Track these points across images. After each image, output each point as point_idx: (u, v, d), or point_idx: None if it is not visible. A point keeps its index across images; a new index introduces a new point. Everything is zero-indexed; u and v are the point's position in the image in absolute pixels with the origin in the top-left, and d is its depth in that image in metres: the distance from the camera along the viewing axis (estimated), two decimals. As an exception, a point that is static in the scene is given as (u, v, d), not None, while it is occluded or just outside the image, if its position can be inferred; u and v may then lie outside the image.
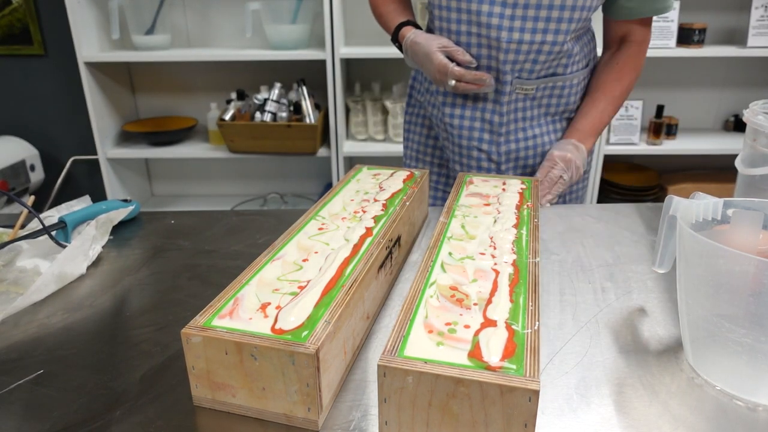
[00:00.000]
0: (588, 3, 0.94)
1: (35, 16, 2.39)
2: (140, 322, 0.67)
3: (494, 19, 0.95)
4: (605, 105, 1.05)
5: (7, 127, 2.55)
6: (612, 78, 1.05)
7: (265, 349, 0.48)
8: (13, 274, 0.75)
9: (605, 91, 1.05)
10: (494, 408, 0.44)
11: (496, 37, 0.96)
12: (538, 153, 1.09)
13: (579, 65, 1.06)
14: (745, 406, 0.53)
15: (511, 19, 0.95)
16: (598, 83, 1.06)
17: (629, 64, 1.05)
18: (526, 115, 1.06)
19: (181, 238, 0.90)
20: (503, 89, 1.01)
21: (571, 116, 1.10)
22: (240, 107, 2.25)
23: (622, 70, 1.05)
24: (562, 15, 0.94)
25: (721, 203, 0.61)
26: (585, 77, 1.09)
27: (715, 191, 0.79)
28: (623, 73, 1.05)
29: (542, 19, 0.94)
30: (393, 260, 0.73)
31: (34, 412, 0.53)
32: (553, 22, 0.95)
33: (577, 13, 0.94)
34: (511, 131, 1.06)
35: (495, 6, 0.94)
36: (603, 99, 1.05)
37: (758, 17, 2.09)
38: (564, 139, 1.05)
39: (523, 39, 0.96)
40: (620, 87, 1.05)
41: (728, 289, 0.52)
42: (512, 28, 0.95)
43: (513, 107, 1.04)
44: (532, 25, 0.95)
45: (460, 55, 0.98)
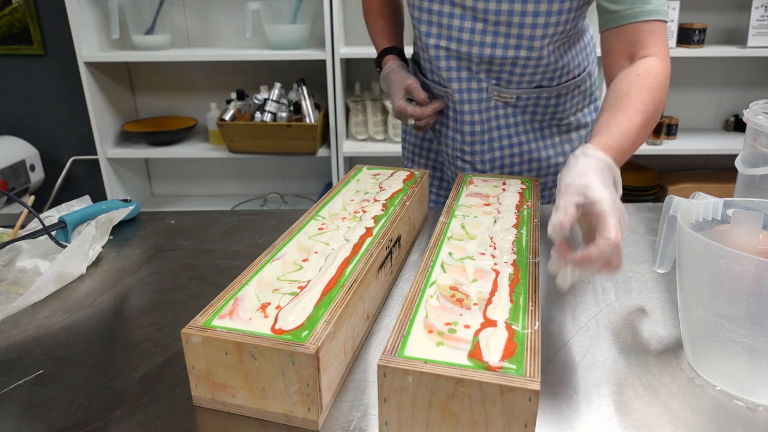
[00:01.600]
0: (562, 18, 0.89)
1: (35, 16, 2.39)
2: (140, 322, 0.67)
3: (465, 34, 0.93)
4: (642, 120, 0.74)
5: (7, 127, 2.55)
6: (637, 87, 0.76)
7: (265, 349, 0.48)
8: (13, 274, 0.74)
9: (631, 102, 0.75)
10: (494, 408, 0.44)
11: (467, 52, 0.94)
12: (524, 160, 1.06)
13: (568, 76, 1.00)
14: (745, 406, 0.53)
15: (482, 34, 0.92)
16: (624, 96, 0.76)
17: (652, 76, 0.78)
18: (509, 122, 1.03)
19: (181, 238, 0.90)
20: (480, 97, 0.99)
21: (561, 123, 1.05)
22: (240, 107, 2.25)
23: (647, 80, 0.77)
24: (534, 32, 0.90)
25: (721, 203, 0.61)
26: (580, 84, 1.03)
27: (715, 191, 0.79)
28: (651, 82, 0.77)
29: (514, 35, 0.91)
30: (393, 260, 0.73)
31: (34, 412, 0.53)
32: (526, 39, 0.91)
33: (551, 29, 0.90)
34: (494, 138, 1.04)
35: (466, 21, 0.92)
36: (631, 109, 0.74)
37: (758, 17, 2.09)
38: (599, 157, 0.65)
39: (495, 54, 0.93)
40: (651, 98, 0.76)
41: (728, 289, 0.52)
42: (483, 44, 0.93)
43: (493, 114, 1.01)
44: (503, 41, 0.92)
45: (418, 94, 1.01)
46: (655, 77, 0.77)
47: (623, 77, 0.80)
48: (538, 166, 1.07)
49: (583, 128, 1.08)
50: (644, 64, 0.80)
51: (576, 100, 1.05)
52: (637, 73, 0.78)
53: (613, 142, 0.69)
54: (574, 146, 1.07)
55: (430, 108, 1.01)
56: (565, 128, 1.06)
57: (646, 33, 0.82)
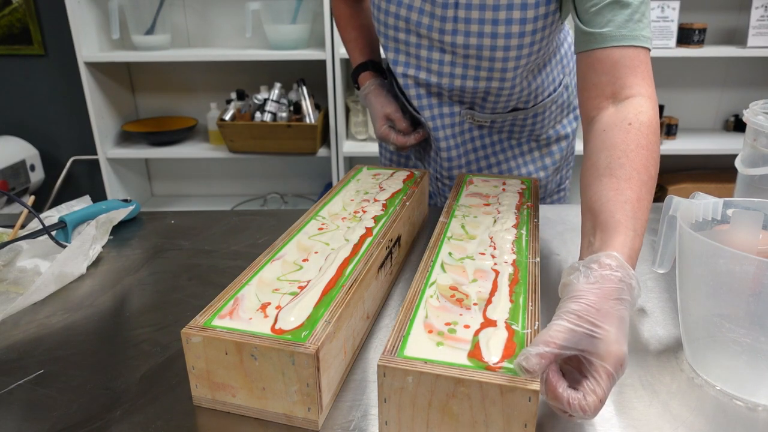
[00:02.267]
0: (534, 48, 0.84)
1: (35, 16, 2.39)
2: (140, 322, 0.67)
3: (434, 65, 0.90)
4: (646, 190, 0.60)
5: (7, 127, 2.55)
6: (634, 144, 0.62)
7: (265, 349, 0.48)
8: (13, 274, 0.74)
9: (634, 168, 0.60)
10: (494, 408, 0.44)
11: (437, 83, 0.91)
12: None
13: (544, 95, 0.96)
14: (745, 406, 0.53)
15: (451, 66, 0.89)
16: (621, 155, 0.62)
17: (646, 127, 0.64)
18: (485, 143, 1.00)
19: (181, 238, 0.90)
20: (453, 121, 0.96)
21: (539, 138, 1.01)
22: (240, 107, 2.25)
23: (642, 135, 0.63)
24: (506, 65, 0.85)
25: (721, 203, 0.61)
26: (557, 99, 1.00)
27: (715, 191, 0.79)
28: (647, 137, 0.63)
29: (485, 68, 0.87)
30: (393, 260, 0.73)
31: (34, 412, 0.53)
32: (497, 72, 0.86)
33: (524, 60, 0.85)
34: (472, 161, 1.01)
35: (434, 51, 0.88)
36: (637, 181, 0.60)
37: (758, 17, 2.09)
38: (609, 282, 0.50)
39: (465, 86, 0.90)
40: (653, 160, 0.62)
41: (728, 289, 0.52)
42: (453, 75, 0.89)
43: (468, 137, 0.98)
44: (474, 73, 0.88)
45: (399, 123, 0.99)
46: (649, 128, 0.64)
47: (613, 126, 0.65)
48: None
49: (563, 140, 1.04)
50: (633, 110, 0.66)
51: (554, 115, 1.01)
52: (628, 122, 0.65)
53: (636, 245, 0.56)
54: (555, 159, 1.04)
55: (412, 138, 1.00)
56: (545, 142, 1.03)
57: (626, 66, 0.69)
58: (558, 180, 1.09)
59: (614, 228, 0.55)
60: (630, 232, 0.55)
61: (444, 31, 0.85)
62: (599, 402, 0.45)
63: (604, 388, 0.45)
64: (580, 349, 0.46)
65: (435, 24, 0.85)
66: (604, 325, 0.47)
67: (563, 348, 0.46)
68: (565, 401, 0.45)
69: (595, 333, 0.46)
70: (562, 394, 0.45)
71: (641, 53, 0.70)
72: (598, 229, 0.57)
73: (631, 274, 0.51)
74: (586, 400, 0.45)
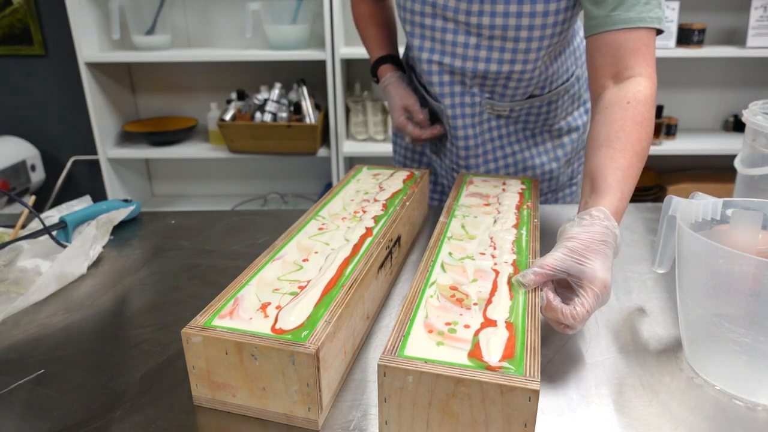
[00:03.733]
0: (557, 29, 0.87)
1: (36, 16, 2.39)
2: (140, 322, 0.67)
3: (459, 49, 0.91)
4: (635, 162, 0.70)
5: (8, 127, 2.55)
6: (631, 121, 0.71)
7: (265, 349, 0.48)
8: (14, 274, 0.75)
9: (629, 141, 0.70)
10: (494, 408, 0.44)
11: (461, 66, 0.93)
12: (519, 169, 1.06)
13: (558, 82, 0.99)
14: (745, 405, 0.53)
15: (476, 49, 0.90)
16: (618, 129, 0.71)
17: (642, 105, 0.72)
18: (501, 133, 1.02)
19: (181, 238, 0.90)
20: (473, 111, 0.98)
21: (552, 129, 1.04)
22: (240, 107, 2.25)
23: (638, 112, 0.72)
24: (530, 45, 0.88)
25: (720, 203, 0.61)
26: (569, 89, 1.02)
27: (714, 191, 0.79)
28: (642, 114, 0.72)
29: (509, 50, 0.89)
30: (393, 260, 0.73)
31: (34, 412, 0.53)
32: (521, 53, 0.89)
33: (546, 41, 0.88)
34: (489, 151, 1.03)
35: (459, 35, 0.90)
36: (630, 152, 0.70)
37: (758, 17, 2.09)
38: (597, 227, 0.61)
39: (489, 69, 0.91)
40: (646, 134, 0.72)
41: (728, 289, 0.52)
42: (477, 58, 0.91)
43: (486, 127, 1.01)
44: (498, 56, 0.90)
45: (417, 115, 1.01)
46: (644, 105, 0.73)
47: (613, 104, 0.74)
48: (532, 174, 1.06)
49: (574, 131, 1.07)
50: (631, 89, 0.73)
51: (566, 105, 1.04)
52: (626, 100, 0.73)
53: (621, 205, 0.67)
54: (566, 150, 1.07)
55: (428, 132, 1.02)
56: (557, 133, 1.06)
57: (629, 49, 0.75)
58: (570, 173, 1.11)
59: (605, 189, 0.67)
60: (618, 193, 0.66)
61: (470, 13, 0.87)
62: (586, 313, 0.56)
63: (590, 303, 0.56)
64: (570, 273, 0.58)
65: (462, 6, 0.87)
66: (591, 258, 0.58)
67: (555, 271, 0.58)
68: (559, 311, 0.56)
69: (583, 263, 0.58)
70: (557, 306, 0.56)
71: (645, 34, 0.76)
72: (593, 191, 0.68)
73: (614, 225, 0.62)
74: (576, 311, 0.56)
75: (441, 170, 1.11)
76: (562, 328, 0.58)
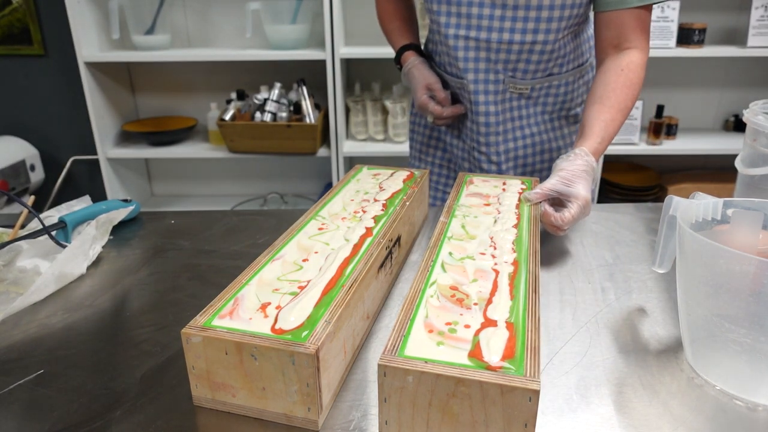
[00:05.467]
0: (578, 0, 0.93)
1: (35, 16, 2.39)
2: (140, 322, 0.67)
3: (484, 21, 0.96)
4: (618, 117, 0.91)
5: (7, 127, 2.55)
6: (621, 85, 0.91)
7: (265, 349, 0.48)
8: (13, 274, 0.74)
9: (616, 102, 0.91)
10: (494, 408, 0.44)
11: (486, 38, 0.97)
12: (537, 151, 1.09)
13: (575, 63, 1.05)
14: (745, 406, 0.53)
15: (501, 20, 0.95)
16: (610, 91, 0.91)
17: (634, 73, 0.92)
18: (522, 114, 1.06)
19: (181, 238, 0.90)
20: (497, 88, 1.02)
21: (569, 114, 1.09)
22: (240, 107, 2.25)
23: (629, 78, 0.91)
24: (552, 14, 0.93)
25: (720, 203, 0.61)
26: (584, 74, 1.08)
27: (715, 191, 0.79)
28: (632, 80, 0.92)
29: (532, 19, 0.94)
30: (393, 260, 0.73)
31: (34, 412, 0.53)
32: (544, 22, 0.94)
33: (567, 11, 0.94)
34: (509, 130, 1.07)
35: (485, 8, 0.95)
36: (614, 109, 0.90)
37: (758, 17, 2.09)
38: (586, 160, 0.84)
39: (513, 39, 0.96)
40: (630, 97, 0.91)
41: (728, 289, 0.52)
42: (502, 29, 0.96)
43: (508, 106, 1.05)
44: (522, 26, 0.95)
45: (439, 94, 1.06)
46: (635, 72, 0.92)
47: (610, 69, 0.93)
48: (549, 157, 1.11)
49: None
50: (627, 58, 0.93)
51: (581, 91, 1.10)
52: (621, 68, 0.92)
53: (600, 147, 0.88)
54: None
55: (449, 110, 1.06)
56: (573, 120, 1.11)
57: (631, 25, 0.92)
58: None
59: (589, 135, 0.88)
60: (598, 138, 0.88)
61: None
62: (572, 218, 0.78)
63: (575, 212, 0.78)
64: (561, 193, 0.79)
65: None
66: (576, 182, 0.80)
67: (551, 191, 0.79)
68: (552, 216, 0.77)
69: (570, 185, 0.80)
70: (552, 213, 0.78)
71: (645, 13, 0.93)
72: (581, 135, 0.90)
73: (592, 160, 0.85)
74: (565, 216, 0.77)
75: (461, 152, 1.14)
76: (555, 230, 0.79)
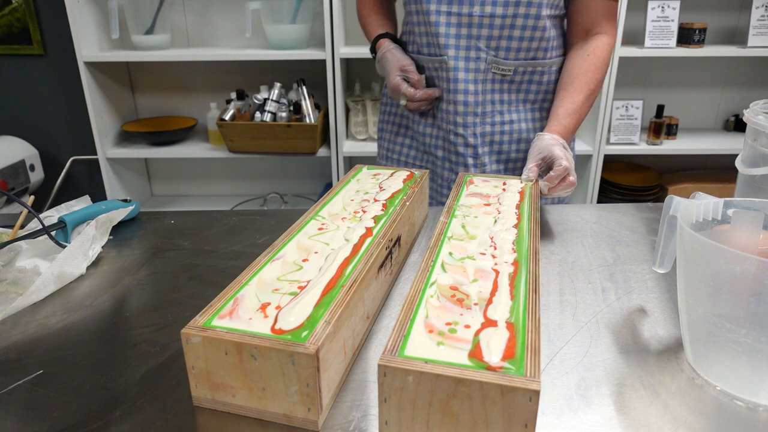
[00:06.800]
0: None
1: (35, 15, 2.39)
2: (140, 322, 0.67)
3: None
4: (585, 100, 1.01)
5: (7, 127, 2.55)
6: (585, 69, 1.01)
7: (265, 349, 0.48)
8: (13, 274, 0.74)
9: (582, 84, 1.01)
10: (495, 408, 0.44)
11: (468, 12, 0.98)
12: (514, 139, 1.09)
13: (558, 51, 1.07)
14: (746, 406, 0.53)
15: None
16: (575, 76, 1.01)
17: (599, 57, 1.01)
18: (503, 98, 1.06)
19: (180, 238, 0.90)
20: (477, 66, 1.02)
21: (547, 105, 1.10)
22: (240, 107, 2.25)
23: (595, 62, 1.01)
24: None
25: (721, 203, 0.61)
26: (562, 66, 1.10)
27: (715, 191, 0.80)
28: (597, 64, 1.01)
29: None
30: (393, 260, 0.73)
31: (33, 413, 0.53)
32: None
33: None
34: (488, 113, 1.07)
35: None
36: (582, 93, 1.00)
37: (758, 17, 2.08)
38: (552, 136, 0.95)
39: (495, 12, 0.98)
40: (595, 79, 1.01)
41: (729, 290, 0.52)
42: (484, 2, 0.97)
43: (489, 88, 1.05)
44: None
45: (413, 75, 1.07)
46: (600, 56, 1.02)
47: (577, 56, 1.03)
48: (525, 148, 1.10)
49: None
50: (594, 43, 1.03)
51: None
52: (587, 53, 1.02)
53: (566, 131, 0.98)
54: None
55: (422, 92, 1.06)
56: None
57: (601, 11, 1.02)
58: None
59: (555, 120, 0.99)
60: (564, 122, 0.98)
61: None
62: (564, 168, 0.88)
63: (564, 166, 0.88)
64: (544, 159, 0.91)
65: None
66: (550, 149, 0.91)
67: (539, 165, 0.91)
68: (551, 178, 0.87)
69: (548, 153, 0.91)
70: (550, 175, 0.88)
71: (615, 3, 1.03)
72: (549, 121, 1.00)
73: (552, 136, 0.95)
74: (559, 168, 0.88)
75: (434, 140, 1.13)
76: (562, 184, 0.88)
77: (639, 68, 2.40)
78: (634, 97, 2.34)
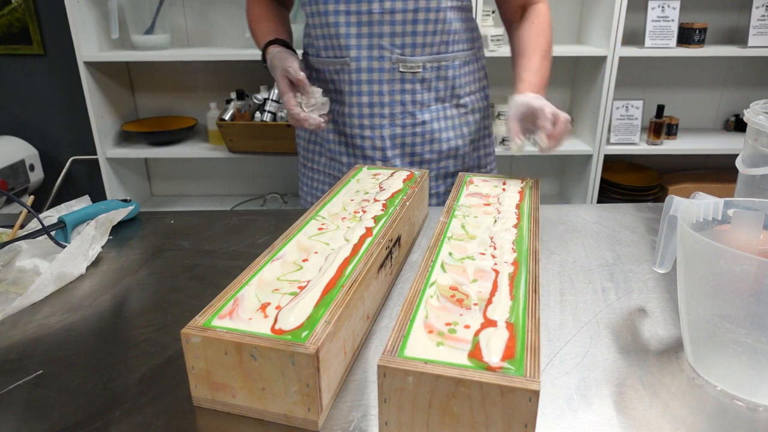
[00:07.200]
0: None
1: (34, 15, 2.39)
2: (140, 322, 0.67)
3: None
4: (542, 59, 1.03)
5: (7, 127, 2.55)
6: (534, 34, 1.05)
7: (264, 349, 0.48)
8: (13, 274, 0.74)
9: (536, 47, 1.04)
10: (494, 408, 0.44)
11: (368, 10, 0.96)
12: (426, 140, 1.07)
13: (462, 45, 1.06)
14: (746, 406, 0.53)
15: None
16: (526, 42, 1.05)
17: (543, 22, 1.06)
18: (415, 99, 1.04)
19: (180, 238, 0.90)
20: (382, 66, 1.00)
21: (459, 103, 1.09)
22: (240, 107, 2.25)
23: (540, 27, 1.06)
24: None
25: (721, 203, 0.61)
26: (470, 60, 1.09)
27: (715, 191, 0.80)
28: (543, 28, 1.06)
29: None
30: (393, 260, 0.73)
31: (33, 413, 0.53)
32: None
33: None
34: (397, 114, 1.04)
35: None
36: (538, 53, 1.03)
37: (759, 17, 2.08)
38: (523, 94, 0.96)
39: (395, 8, 0.95)
40: (546, 40, 1.05)
41: (729, 290, 0.52)
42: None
43: (399, 88, 1.02)
44: None
45: (294, 74, 0.98)
46: (544, 21, 1.07)
47: (522, 27, 1.07)
48: (438, 148, 1.08)
49: (478, 112, 1.13)
50: (534, 13, 1.07)
51: (469, 78, 1.10)
52: (531, 22, 1.06)
53: (535, 88, 0.97)
54: (471, 129, 1.12)
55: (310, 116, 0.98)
56: (463, 110, 1.10)
57: None
58: (476, 158, 1.17)
59: (520, 82, 1.00)
60: (529, 80, 0.99)
61: None
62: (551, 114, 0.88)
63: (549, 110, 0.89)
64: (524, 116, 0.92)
65: None
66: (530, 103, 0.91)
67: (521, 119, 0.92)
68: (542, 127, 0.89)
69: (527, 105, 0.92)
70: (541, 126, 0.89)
71: None
72: (514, 86, 1.00)
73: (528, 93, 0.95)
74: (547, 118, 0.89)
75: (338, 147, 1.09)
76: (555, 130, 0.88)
77: (639, 68, 2.40)
78: (634, 97, 2.34)
